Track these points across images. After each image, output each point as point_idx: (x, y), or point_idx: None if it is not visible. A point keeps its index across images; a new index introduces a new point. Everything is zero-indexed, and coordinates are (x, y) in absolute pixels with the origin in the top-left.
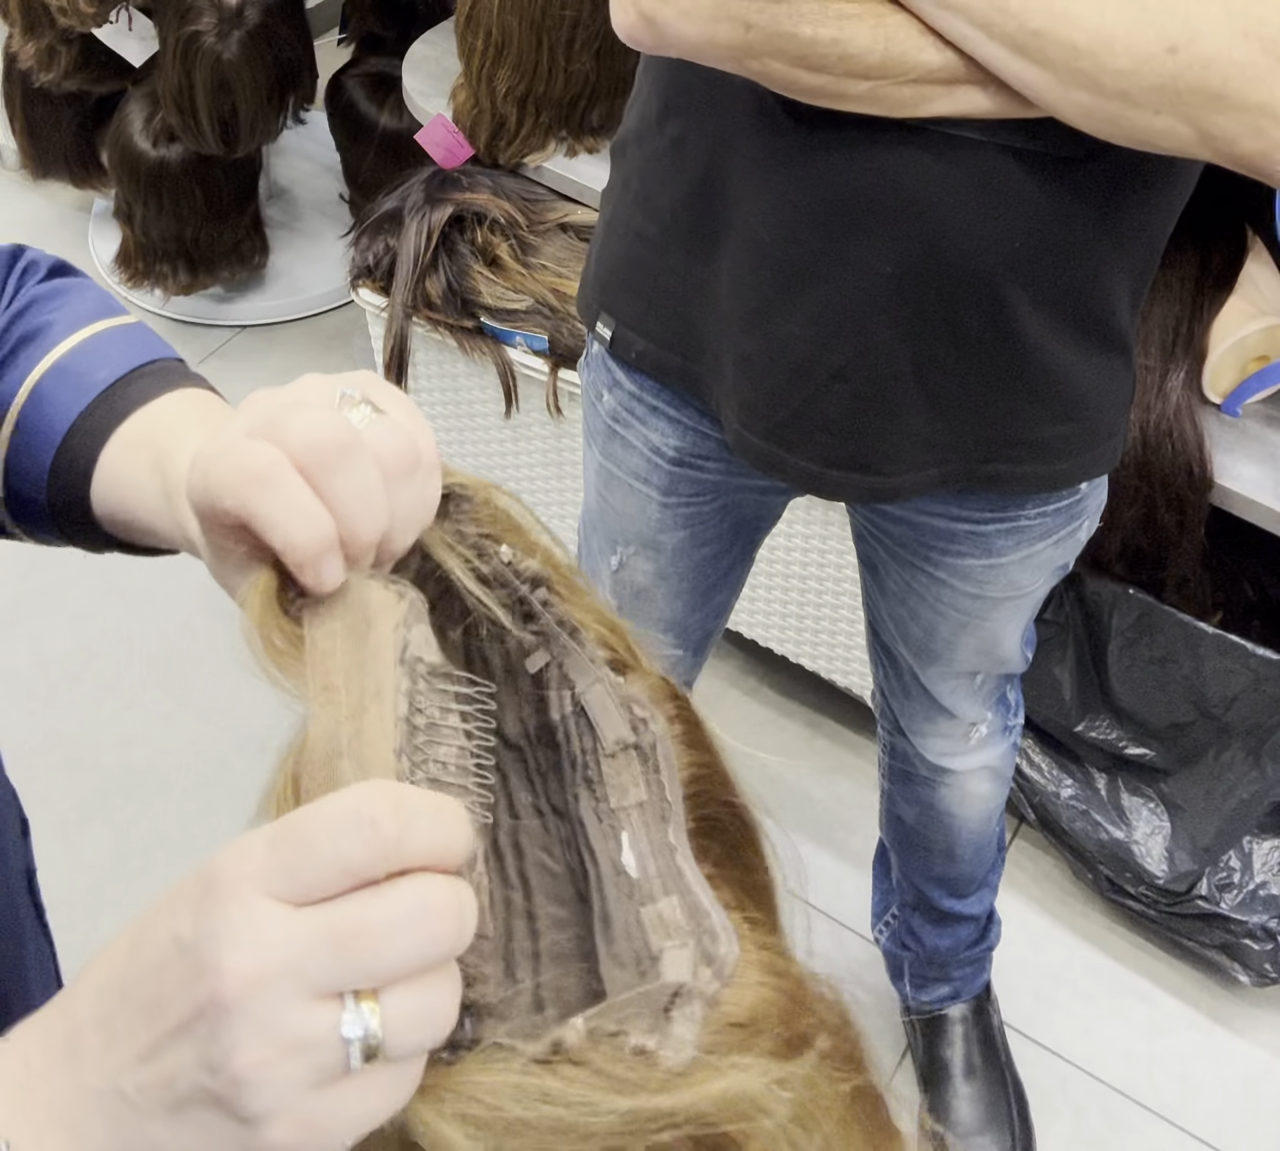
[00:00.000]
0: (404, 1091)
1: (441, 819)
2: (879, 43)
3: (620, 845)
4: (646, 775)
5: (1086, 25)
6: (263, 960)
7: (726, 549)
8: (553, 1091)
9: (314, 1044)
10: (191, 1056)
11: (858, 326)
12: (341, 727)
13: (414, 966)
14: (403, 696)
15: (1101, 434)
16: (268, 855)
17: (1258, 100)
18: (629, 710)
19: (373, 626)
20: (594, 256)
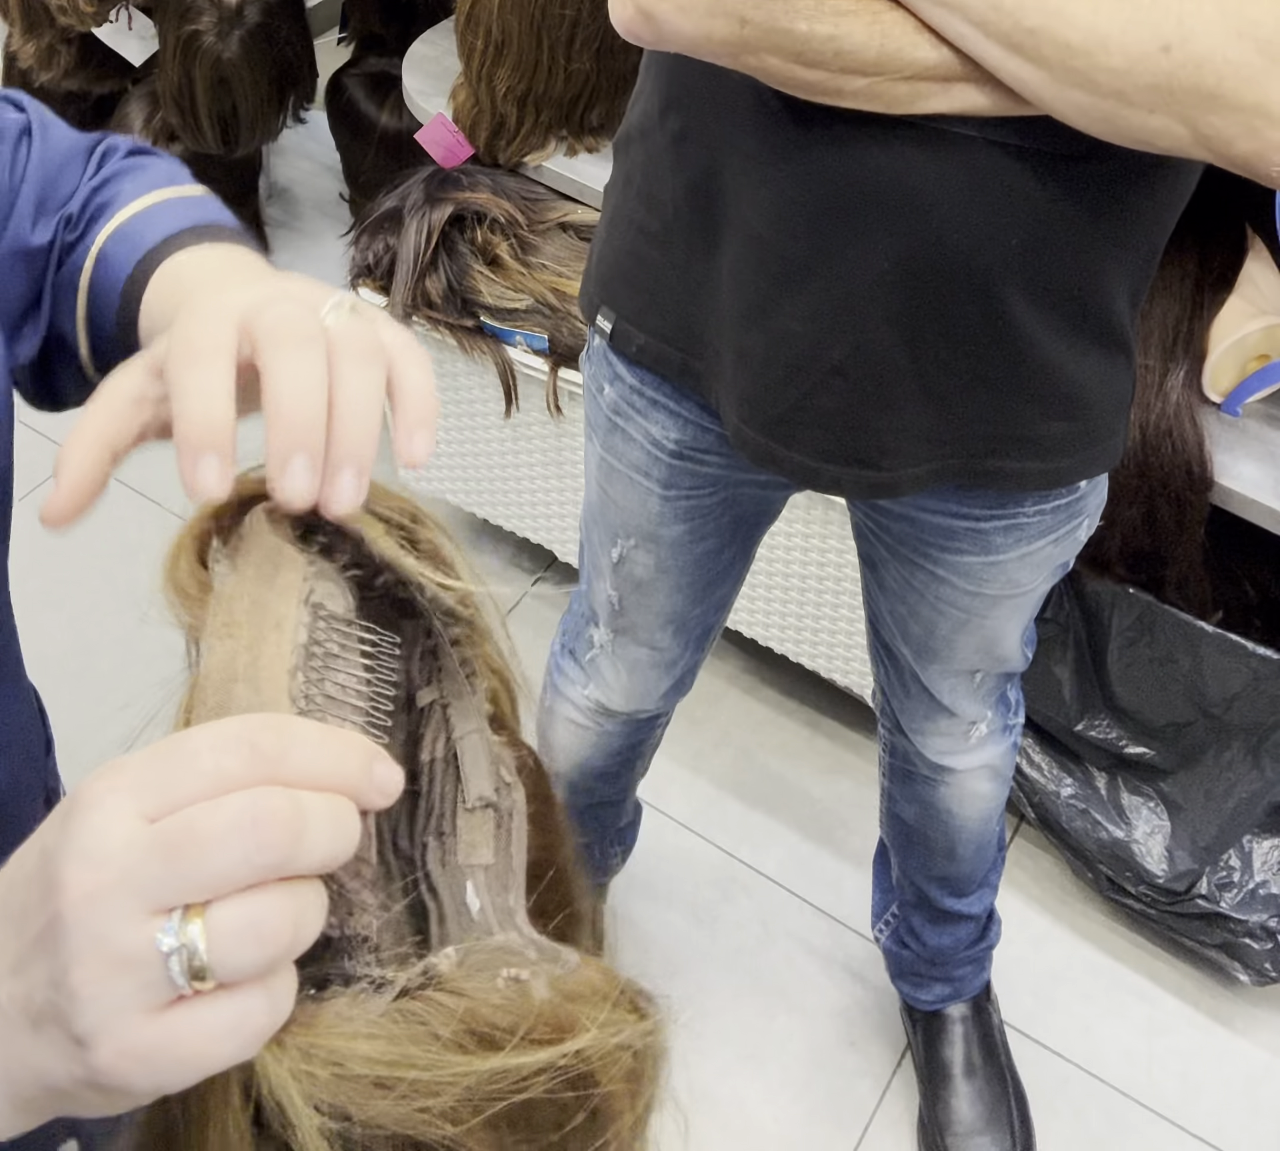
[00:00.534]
0: (248, 1030)
1: (327, 742)
2: (875, 39)
3: (464, 889)
4: (498, 839)
5: (1081, 24)
6: (100, 872)
7: (726, 544)
8: (413, 1056)
9: (139, 959)
10: (43, 970)
11: (855, 322)
12: (239, 657)
13: (241, 875)
14: (303, 627)
15: (1101, 432)
16: (143, 769)
17: (1252, 100)
18: (497, 770)
19: (280, 573)
20: (596, 251)
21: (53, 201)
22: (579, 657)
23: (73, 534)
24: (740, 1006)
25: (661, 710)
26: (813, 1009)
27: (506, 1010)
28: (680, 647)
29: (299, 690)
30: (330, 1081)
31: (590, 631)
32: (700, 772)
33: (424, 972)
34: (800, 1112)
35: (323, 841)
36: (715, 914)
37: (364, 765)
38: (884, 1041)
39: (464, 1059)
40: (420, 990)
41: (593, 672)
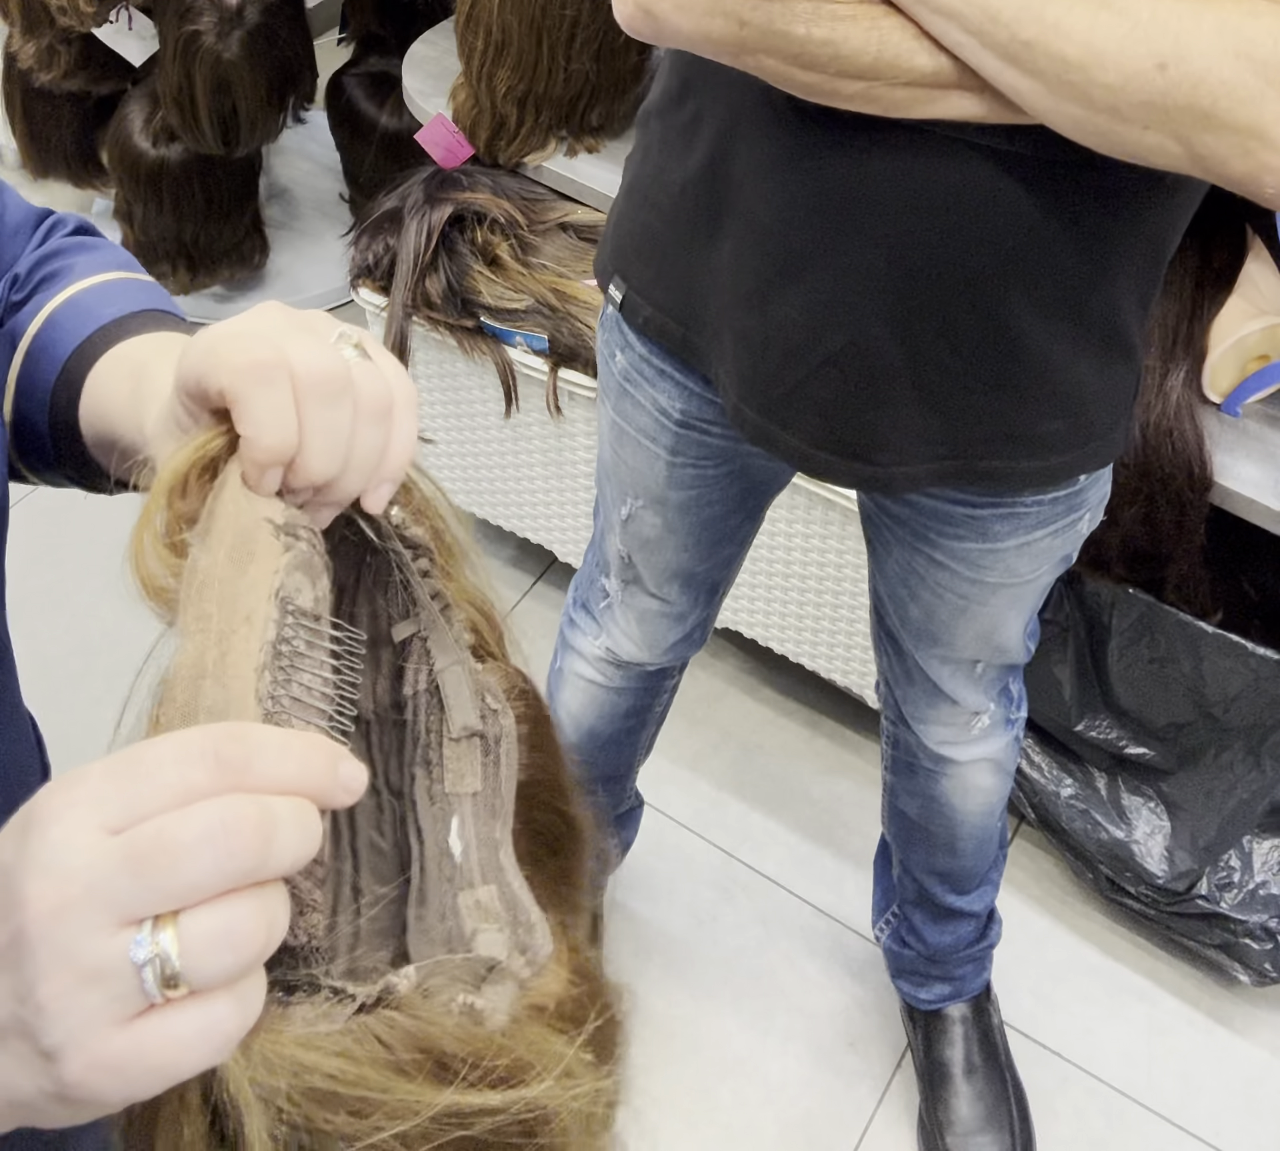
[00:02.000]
0: (218, 1036)
1: (293, 747)
2: (872, 45)
3: (449, 828)
4: (485, 767)
5: (1077, 39)
6: (65, 887)
7: (733, 510)
8: (370, 1078)
9: (109, 971)
10: (6, 985)
11: (850, 316)
12: (208, 652)
13: (212, 883)
14: (272, 623)
15: (1099, 428)
16: (103, 781)
17: (1247, 121)
18: (481, 698)
19: (254, 561)
20: (612, 220)
21: (0, 265)
22: (592, 608)
23: (73, 534)
24: (740, 1007)
25: (670, 663)
26: (813, 1009)
27: (461, 1040)
28: (689, 601)
29: (265, 690)
30: (288, 1093)
31: (603, 581)
32: (700, 773)
33: (383, 990)
34: (800, 1113)
35: (290, 845)
36: (715, 914)
37: (328, 767)
38: (884, 1042)
39: (417, 1088)
40: (377, 1007)
41: (605, 622)
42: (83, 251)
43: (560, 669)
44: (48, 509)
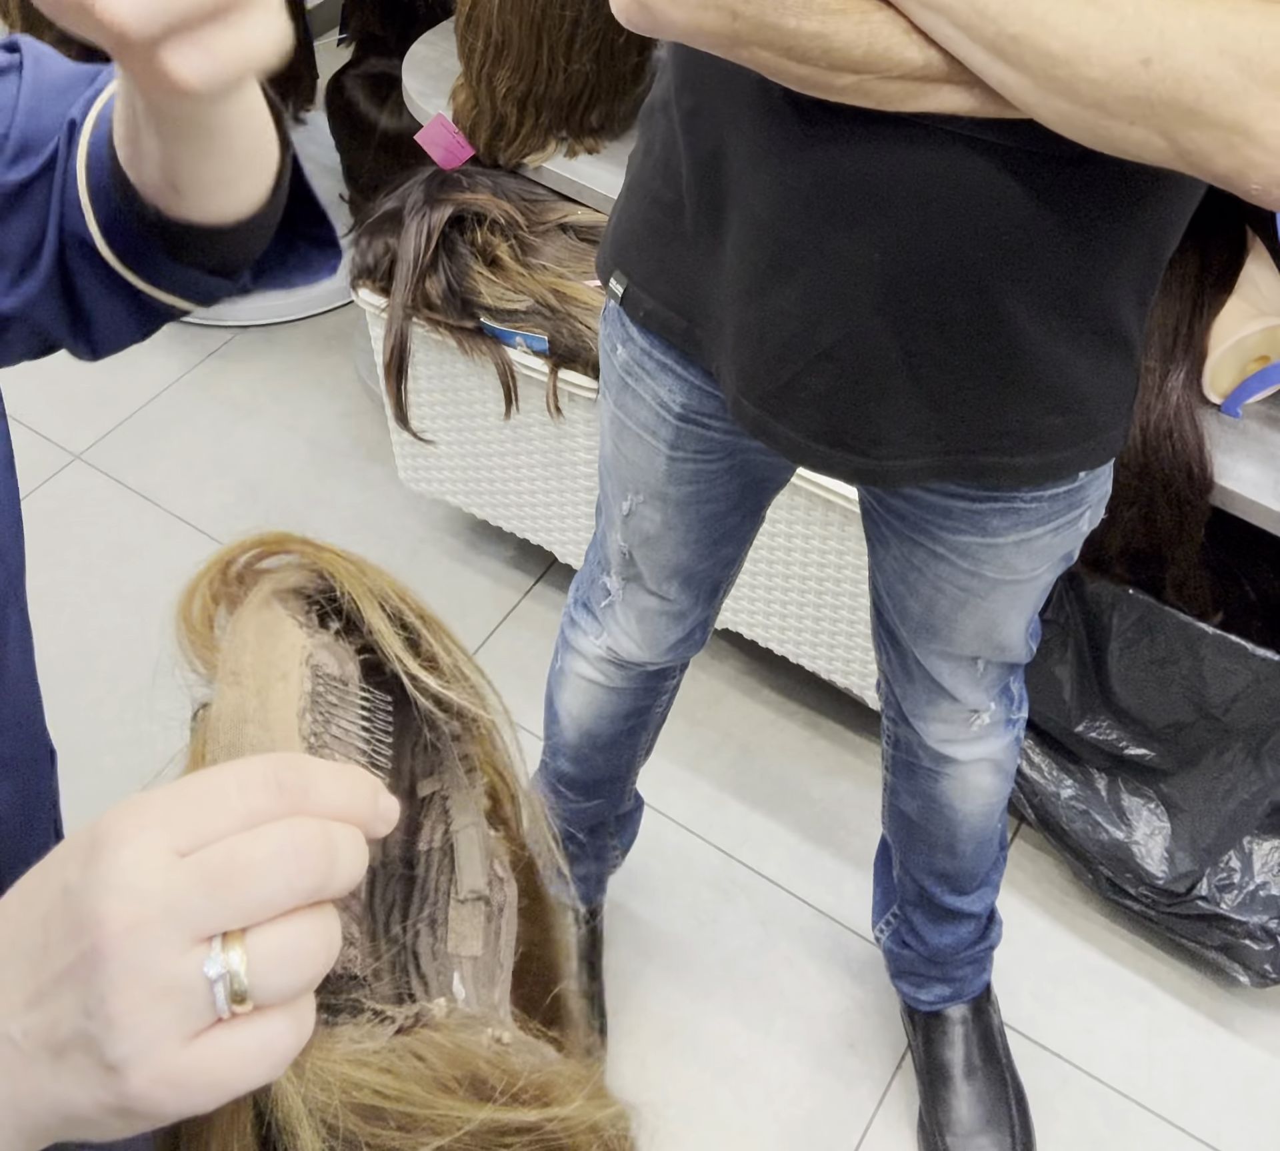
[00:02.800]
0: (277, 1052)
1: (343, 777)
2: (863, 38)
3: (451, 979)
4: (487, 932)
5: (1064, 33)
6: (141, 907)
7: (734, 507)
8: (414, 1094)
9: (181, 987)
10: (73, 1000)
11: (846, 309)
12: (248, 701)
13: (281, 901)
14: (307, 679)
15: (1097, 426)
16: (171, 806)
17: (1230, 117)
18: (491, 863)
19: (281, 641)
20: (614, 215)
21: (43, 136)
22: (593, 607)
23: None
24: (740, 1008)
25: (671, 663)
26: (813, 1010)
27: (494, 1064)
28: (690, 600)
29: (308, 728)
30: (339, 1108)
31: (604, 579)
32: (700, 774)
33: (419, 1014)
34: (800, 1114)
35: (349, 866)
36: (715, 915)
37: (372, 797)
38: (884, 1043)
39: (458, 1103)
40: (414, 1028)
41: (606, 621)
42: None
43: (561, 669)
44: (48, 510)
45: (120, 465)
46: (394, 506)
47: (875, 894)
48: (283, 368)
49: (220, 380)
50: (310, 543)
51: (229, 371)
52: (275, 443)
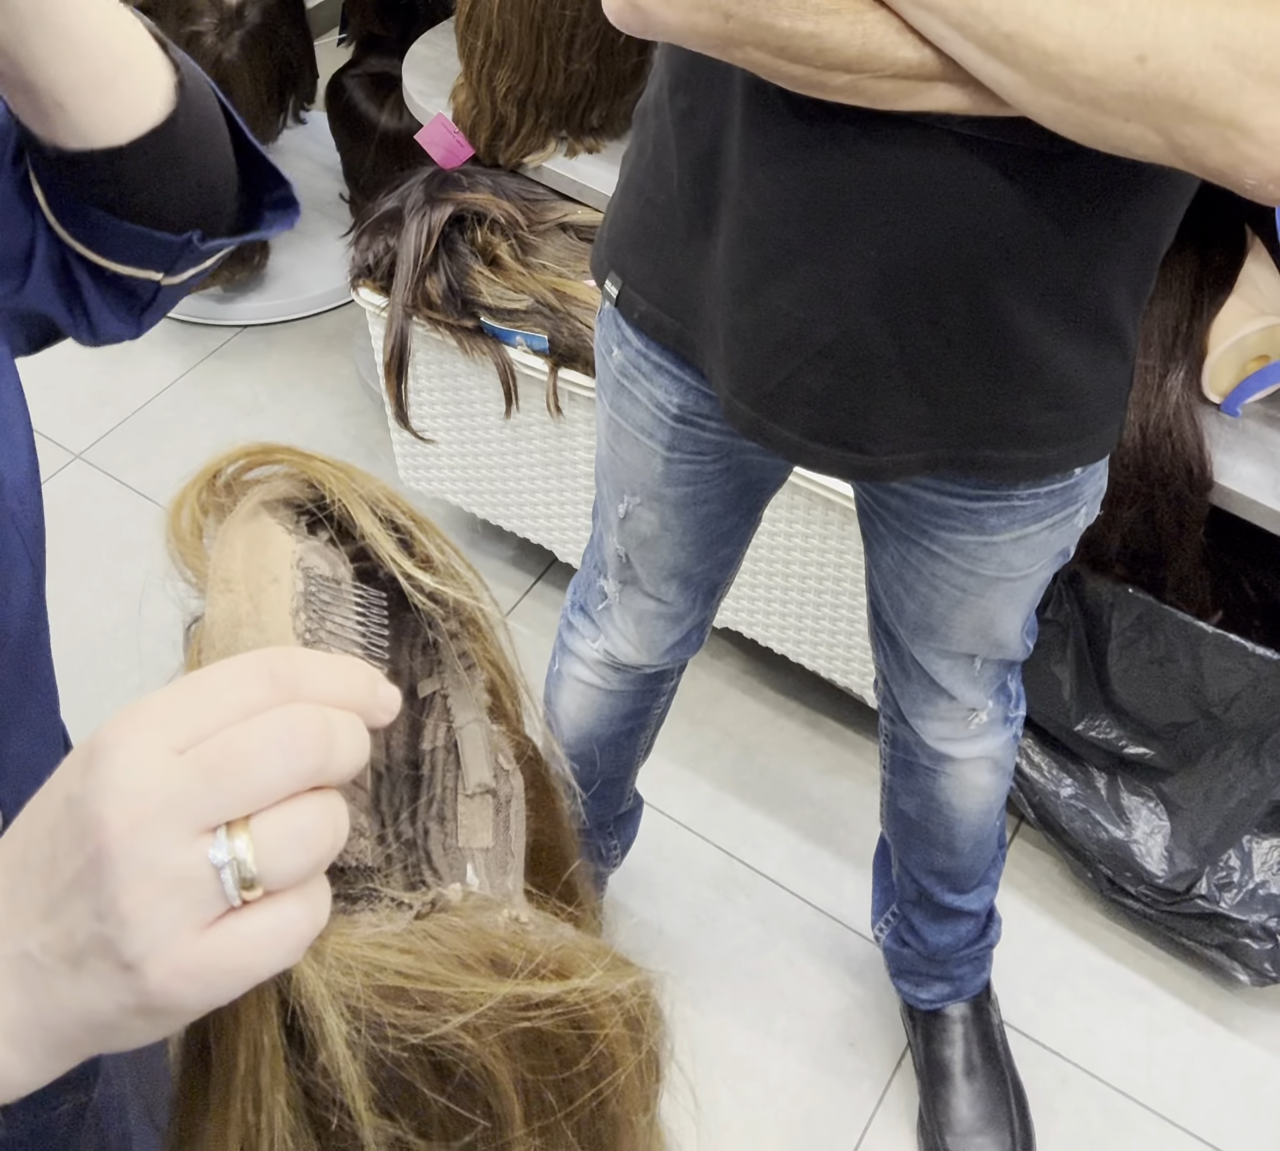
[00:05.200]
0: (292, 936)
1: (338, 666)
2: (856, 38)
3: (465, 870)
4: (497, 824)
5: (1058, 31)
6: (141, 804)
7: (731, 509)
8: (436, 973)
9: (190, 877)
10: (84, 906)
11: (842, 307)
12: (241, 606)
13: (282, 785)
14: (299, 580)
15: (1092, 421)
16: (165, 706)
17: (1225, 112)
18: (495, 757)
19: (270, 547)
20: (609, 216)
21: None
22: (590, 610)
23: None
24: (740, 1007)
25: (668, 666)
26: (813, 1009)
27: (513, 943)
28: (687, 602)
29: (303, 626)
30: (362, 990)
31: (601, 582)
32: (700, 773)
33: (435, 900)
34: (800, 1113)
35: (349, 749)
36: (715, 914)
37: (369, 685)
38: (884, 1042)
39: (480, 980)
40: (432, 913)
41: (604, 624)
42: None
43: (559, 671)
44: (48, 509)
45: (120, 464)
46: None
47: (874, 893)
48: (283, 367)
49: (220, 380)
50: (297, 451)
51: (229, 371)
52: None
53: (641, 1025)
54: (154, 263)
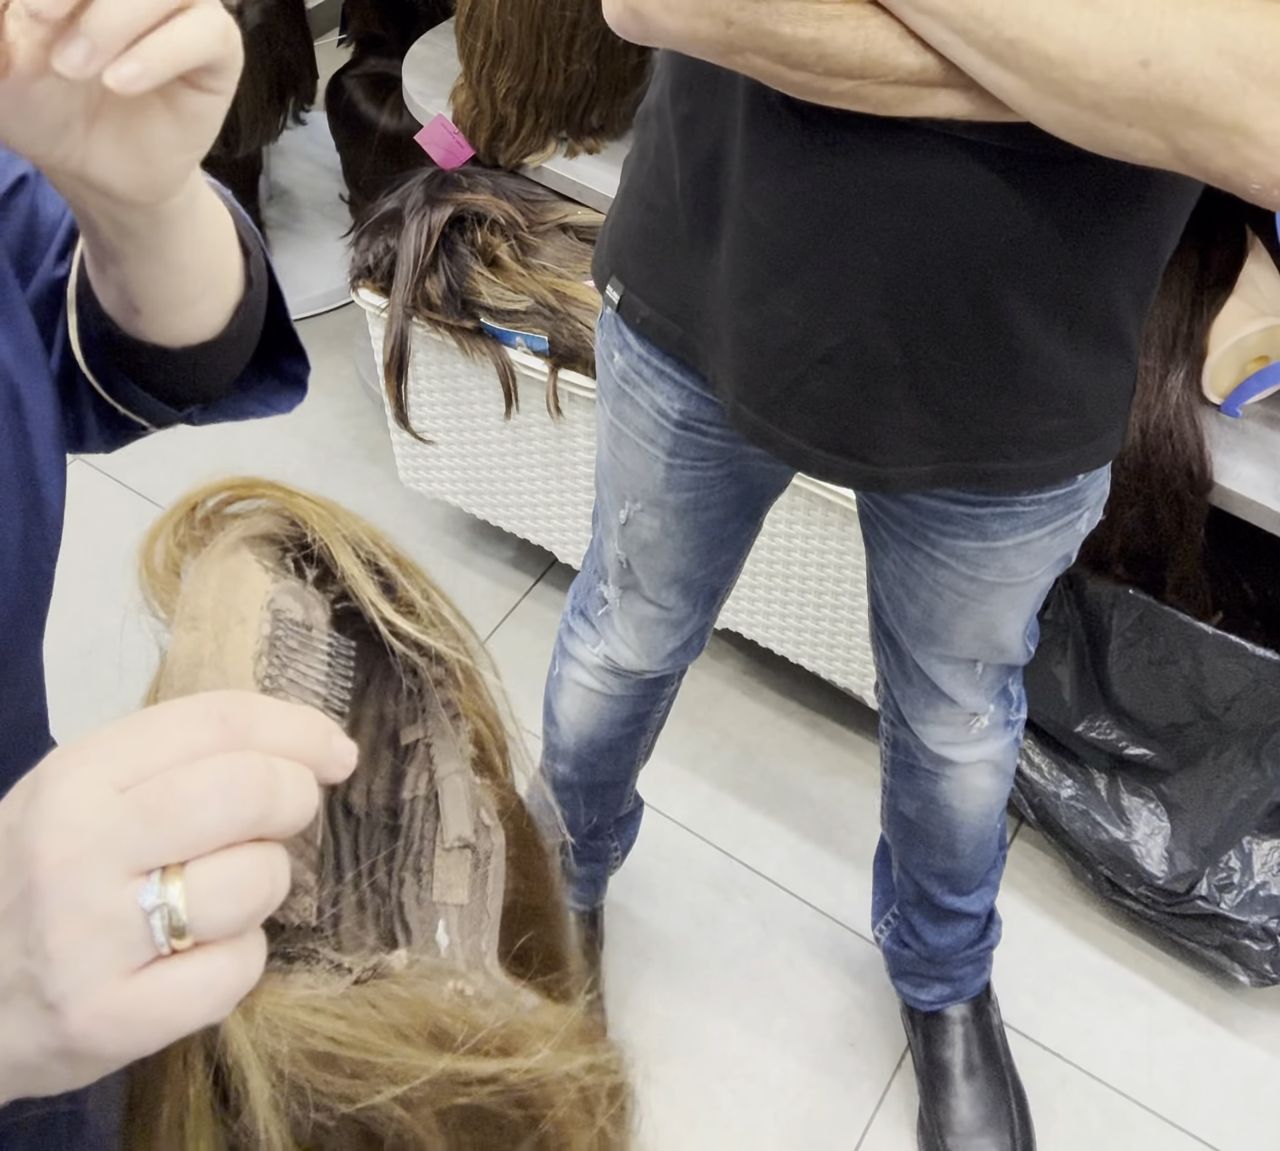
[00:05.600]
0: (220, 989)
1: (292, 716)
2: (858, 44)
3: (436, 927)
4: (474, 880)
5: (1061, 36)
6: (76, 838)
7: (732, 514)
8: (370, 1042)
9: (119, 919)
10: (13, 940)
11: (846, 313)
12: (205, 646)
13: (220, 831)
14: (266, 624)
15: (1097, 427)
16: (112, 741)
17: (1230, 117)
18: (477, 811)
19: (242, 585)
20: (610, 221)
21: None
22: (590, 615)
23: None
24: (740, 1007)
25: (669, 671)
26: (813, 1010)
27: (455, 1016)
28: (688, 607)
29: (264, 672)
30: (290, 1053)
31: (601, 588)
32: (700, 774)
33: (376, 966)
34: (800, 1113)
35: (294, 802)
36: (715, 915)
37: (324, 738)
38: (884, 1042)
39: (416, 1052)
40: (372, 980)
41: (604, 629)
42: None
43: (559, 675)
44: None
45: (120, 465)
46: (394, 506)
47: (875, 894)
48: None
49: None
50: (280, 486)
51: None
52: (275, 443)
53: (594, 1106)
54: (150, 417)
